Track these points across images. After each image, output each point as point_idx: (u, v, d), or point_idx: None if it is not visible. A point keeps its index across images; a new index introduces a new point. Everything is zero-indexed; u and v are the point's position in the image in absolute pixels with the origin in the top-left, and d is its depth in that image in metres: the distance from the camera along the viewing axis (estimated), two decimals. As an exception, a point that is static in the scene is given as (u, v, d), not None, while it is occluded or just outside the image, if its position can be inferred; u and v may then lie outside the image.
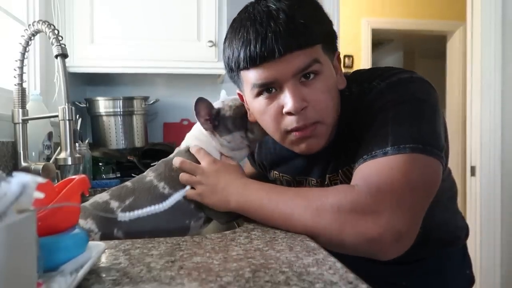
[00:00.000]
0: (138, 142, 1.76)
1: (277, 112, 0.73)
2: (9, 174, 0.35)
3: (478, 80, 2.32)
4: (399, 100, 0.71)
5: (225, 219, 0.83)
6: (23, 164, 1.11)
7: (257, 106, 0.75)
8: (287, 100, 0.70)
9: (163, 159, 0.87)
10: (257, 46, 0.68)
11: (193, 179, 0.80)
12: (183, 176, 0.81)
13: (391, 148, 0.66)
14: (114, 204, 0.79)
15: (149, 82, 2.03)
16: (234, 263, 0.53)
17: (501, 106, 2.29)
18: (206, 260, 0.54)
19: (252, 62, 0.69)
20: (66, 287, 0.42)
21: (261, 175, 1.05)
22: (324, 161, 0.84)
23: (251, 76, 0.72)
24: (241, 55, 0.70)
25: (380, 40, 4.84)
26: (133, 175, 1.60)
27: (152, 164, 0.91)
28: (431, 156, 0.67)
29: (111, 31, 1.64)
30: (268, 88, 0.72)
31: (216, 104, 0.86)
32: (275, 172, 0.97)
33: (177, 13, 1.67)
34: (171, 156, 0.87)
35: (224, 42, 0.77)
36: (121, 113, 1.72)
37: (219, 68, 1.71)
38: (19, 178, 0.34)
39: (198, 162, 0.83)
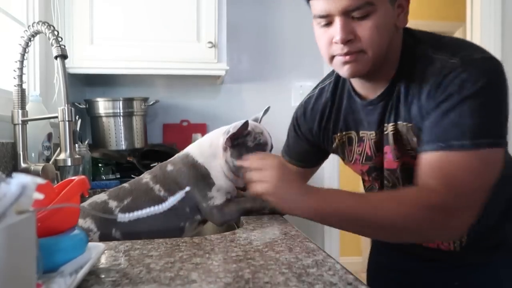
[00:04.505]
0: (138, 143, 1.76)
1: (328, 40, 0.83)
2: (8, 175, 0.35)
3: (478, 80, 2.31)
4: (476, 86, 0.73)
5: (221, 221, 0.84)
6: (23, 165, 1.11)
7: (316, 32, 0.87)
8: (336, 32, 0.80)
9: (160, 163, 0.88)
10: None
11: (262, 177, 0.78)
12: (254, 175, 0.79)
13: (469, 142, 0.71)
14: (112, 203, 0.80)
15: (149, 83, 2.03)
16: (234, 264, 0.53)
17: (501, 106, 2.29)
18: (205, 261, 0.54)
19: None
20: (66, 288, 0.42)
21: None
22: (382, 110, 0.88)
23: (314, 7, 0.83)
24: None
25: (380, 41, 4.83)
26: (132, 176, 1.60)
27: (151, 166, 0.92)
28: (501, 147, 0.74)
29: (111, 32, 1.64)
30: (326, 20, 0.82)
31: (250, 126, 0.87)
32: (337, 134, 1.00)
33: (177, 14, 1.67)
34: (168, 160, 0.88)
35: None
36: (121, 114, 1.72)
37: (219, 69, 1.71)
38: (18, 179, 0.34)
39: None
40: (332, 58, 0.85)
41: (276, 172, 0.77)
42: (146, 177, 0.85)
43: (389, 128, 0.88)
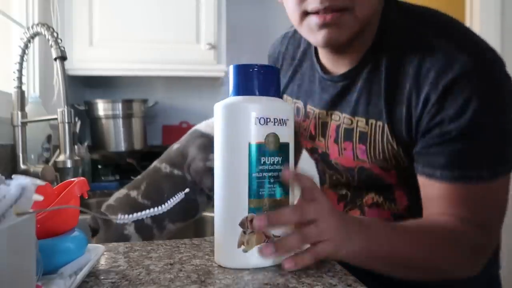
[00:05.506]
0: (137, 145, 1.76)
1: None
2: (8, 177, 0.35)
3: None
4: (492, 112, 0.61)
5: (211, 185, 0.87)
6: (22, 167, 1.11)
7: None
8: None
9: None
10: None
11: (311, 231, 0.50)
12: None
13: (486, 171, 0.62)
14: (133, 193, 0.84)
15: (148, 85, 2.03)
16: (233, 265, 0.53)
17: (500, 107, 2.29)
18: (205, 263, 0.54)
19: None
20: (65, 290, 0.42)
21: None
22: (340, 93, 0.72)
23: None
24: None
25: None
26: (132, 178, 1.61)
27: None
28: None
29: (110, 34, 1.64)
30: None
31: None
32: (288, 96, 0.84)
33: (176, 15, 1.67)
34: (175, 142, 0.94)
35: None
36: (120, 115, 1.71)
37: (218, 70, 1.71)
38: (18, 181, 0.34)
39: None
40: (303, 16, 0.65)
41: (334, 218, 0.51)
42: (154, 163, 0.90)
43: (345, 119, 0.71)
